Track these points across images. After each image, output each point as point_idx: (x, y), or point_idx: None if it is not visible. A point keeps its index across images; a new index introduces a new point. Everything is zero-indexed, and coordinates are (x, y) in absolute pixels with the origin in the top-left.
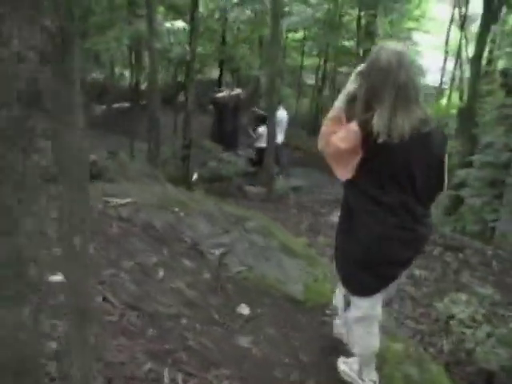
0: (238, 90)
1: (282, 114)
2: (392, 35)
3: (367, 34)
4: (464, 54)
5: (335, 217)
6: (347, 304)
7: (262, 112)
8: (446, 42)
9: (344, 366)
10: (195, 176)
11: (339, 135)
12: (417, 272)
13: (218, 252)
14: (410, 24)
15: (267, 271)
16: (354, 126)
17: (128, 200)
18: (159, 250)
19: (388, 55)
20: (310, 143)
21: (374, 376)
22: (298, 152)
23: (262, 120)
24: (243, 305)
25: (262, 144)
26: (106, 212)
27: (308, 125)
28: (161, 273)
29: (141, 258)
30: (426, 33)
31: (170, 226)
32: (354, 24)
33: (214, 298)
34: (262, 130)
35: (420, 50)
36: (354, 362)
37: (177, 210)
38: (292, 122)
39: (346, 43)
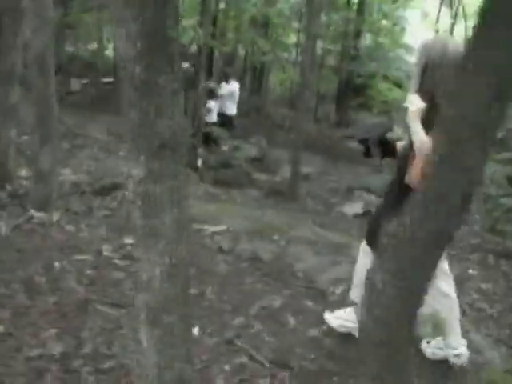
0: (185, 64)
1: (233, 86)
2: (385, 13)
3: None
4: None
5: (348, 208)
6: None
7: (209, 84)
8: (437, 20)
9: (337, 320)
10: (200, 163)
11: None
12: (483, 285)
13: (338, 290)
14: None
15: None
16: None
17: (222, 227)
18: (278, 290)
19: (456, 48)
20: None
21: (463, 340)
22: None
23: (210, 93)
24: None
25: (211, 119)
26: (204, 243)
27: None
28: (291, 319)
29: (263, 300)
30: (414, 9)
31: (277, 258)
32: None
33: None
34: (212, 104)
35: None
36: (349, 312)
37: (276, 237)
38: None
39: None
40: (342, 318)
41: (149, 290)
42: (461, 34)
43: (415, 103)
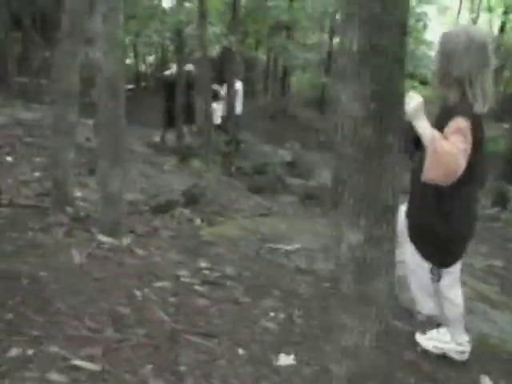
0: (189, 66)
1: (237, 86)
2: None
3: None
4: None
5: None
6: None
7: (213, 87)
8: (458, 15)
9: (431, 341)
10: (233, 169)
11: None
12: None
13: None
14: None
15: (481, 328)
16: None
17: (297, 246)
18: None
19: (480, 34)
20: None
21: (466, 336)
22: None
23: (214, 96)
24: (486, 378)
25: (217, 121)
26: (281, 263)
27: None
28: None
29: None
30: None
31: None
32: None
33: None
34: (215, 106)
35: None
36: (442, 333)
37: None
38: None
39: None
40: (436, 339)
41: (354, 358)
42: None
43: (415, 98)
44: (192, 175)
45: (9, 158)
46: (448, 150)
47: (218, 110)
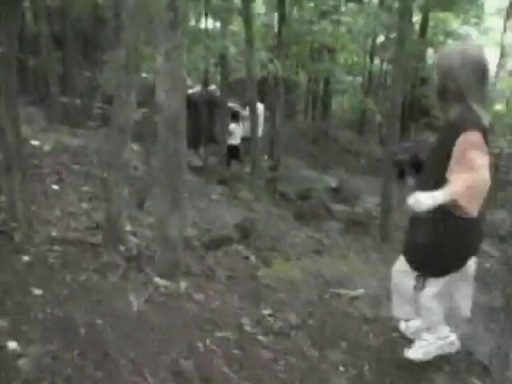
0: (212, 86)
1: (258, 108)
2: (450, 32)
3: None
4: None
5: None
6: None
7: (234, 107)
8: (502, 36)
9: (419, 350)
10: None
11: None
12: None
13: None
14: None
15: None
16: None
17: (360, 291)
18: (437, 366)
19: (477, 51)
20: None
21: (447, 329)
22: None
23: (233, 116)
24: None
25: (234, 141)
26: (345, 311)
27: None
28: None
29: (424, 380)
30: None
31: None
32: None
33: None
34: (233, 126)
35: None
36: (426, 338)
37: None
38: None
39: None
40: (423, 346)
41: None
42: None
43: (418, 198)
44: (240, 205)
45: (55, 187)
46: (473, 179)
47: (237, 130)
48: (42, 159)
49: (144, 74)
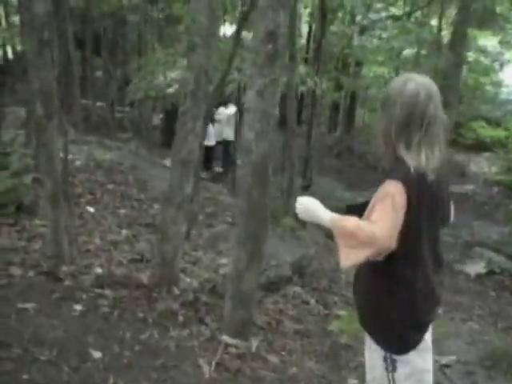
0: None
1: (231, 111)
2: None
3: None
4: None
5: (471, 268)
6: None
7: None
8: None
9: None
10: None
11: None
12: None
13: None
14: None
15: None
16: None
17: (451, 358)
18: None
19: (416, 86)
20: None
21: None
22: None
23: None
24: None
25: (209, 142)
26: (436, 381)
27: None
28: None
29: None
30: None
31: None
32: None
33: None
34: (209, 128)
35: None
36: None
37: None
38: None
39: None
40: None
41: None
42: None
43: (304, 200)
44: (286, 233)
45: (91, 209)
46: (353, 227)
47: (211, 131)
48: (74, 176)
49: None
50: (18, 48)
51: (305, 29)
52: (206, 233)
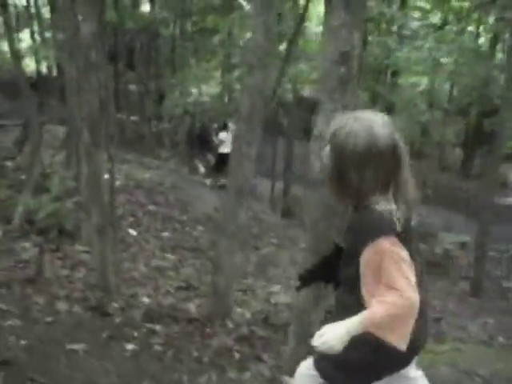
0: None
1: None
2: None
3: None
4: None
5: None
6: None
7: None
8: None
9: None
10: None
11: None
12: None
13: None
14: None
15: None
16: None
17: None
18: None
19: (384, 130)
20: None
21: None
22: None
23: (224, 126)
24: None
25: (224, 150)
26: None
27: None
28: None
29: None
30: None
31: None
32: None
33: None
34: (224, 135)
35: None
36: None
37: None
38: None
39: None
40: None
41: None
42: None
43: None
44: None
45: (132, 232)
46: (396, 305)
47: (226, 139)
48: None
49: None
50: (51, 63)
51: None
52: (254, 257)
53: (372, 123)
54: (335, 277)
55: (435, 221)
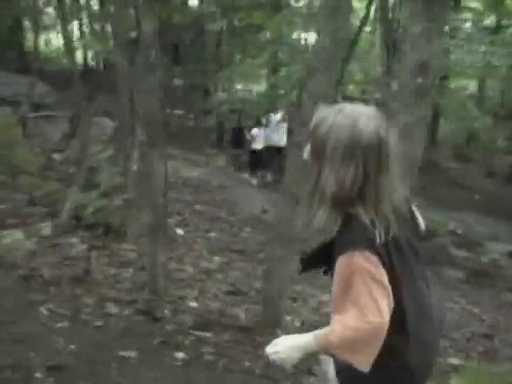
0: None
1: (277, 116)
2: None
3: None
4: None
5: None
6: None
7: None
8: None
9: None
10: None
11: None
12: None
13: None
14: None
15: None
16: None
17: None
18: None
19: (370, 124)
20: None
21: None
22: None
23: (257, 121)
24: None
25: (257, 146)
26: None
27: None
28: None
29: None
30: None
31: None
32: None
33: None
34: (256, 131)
35: None
36: None
37: None
38: None
39: None
40: None
41: None
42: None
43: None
44: None
45: (181, 232)
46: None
47: (259, 135)
48: None
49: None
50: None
51: None
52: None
53: (357, 116)
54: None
55: (482, 229)
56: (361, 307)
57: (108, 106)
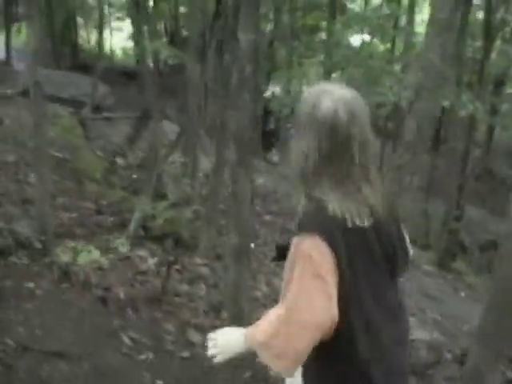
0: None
1: None
2: None
3: None
4: None
5: None
6: None
7: None
8: None
9: None
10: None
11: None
12: None
13: None
14: None
15: None
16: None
17: None
18: None
19: (334, 103)
20: None
21: None
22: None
23: None
24: None
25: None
26: None
27: None
28: None
29: None
30: None
31: None
32: None
33: None
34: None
35: None
36: None
37: None
38: None
39: None
40: None
41: None
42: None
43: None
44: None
45: (251, 245)
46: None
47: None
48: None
49: None
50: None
51: None
52: None
53: (327, 94)
54: None
55: None
56: (290, 300)
57: (169, 110)
